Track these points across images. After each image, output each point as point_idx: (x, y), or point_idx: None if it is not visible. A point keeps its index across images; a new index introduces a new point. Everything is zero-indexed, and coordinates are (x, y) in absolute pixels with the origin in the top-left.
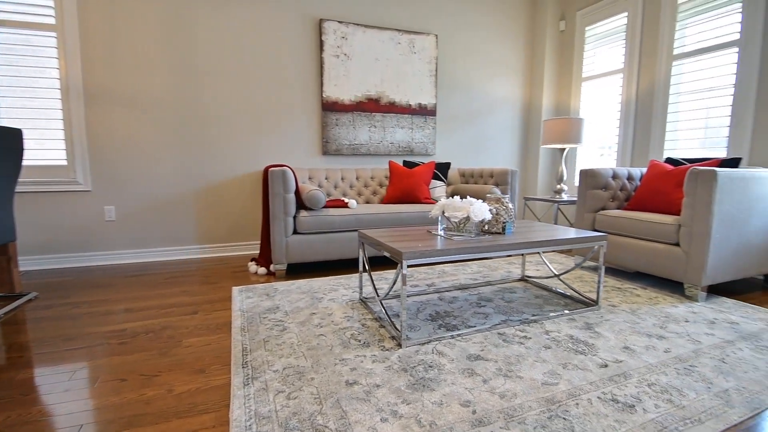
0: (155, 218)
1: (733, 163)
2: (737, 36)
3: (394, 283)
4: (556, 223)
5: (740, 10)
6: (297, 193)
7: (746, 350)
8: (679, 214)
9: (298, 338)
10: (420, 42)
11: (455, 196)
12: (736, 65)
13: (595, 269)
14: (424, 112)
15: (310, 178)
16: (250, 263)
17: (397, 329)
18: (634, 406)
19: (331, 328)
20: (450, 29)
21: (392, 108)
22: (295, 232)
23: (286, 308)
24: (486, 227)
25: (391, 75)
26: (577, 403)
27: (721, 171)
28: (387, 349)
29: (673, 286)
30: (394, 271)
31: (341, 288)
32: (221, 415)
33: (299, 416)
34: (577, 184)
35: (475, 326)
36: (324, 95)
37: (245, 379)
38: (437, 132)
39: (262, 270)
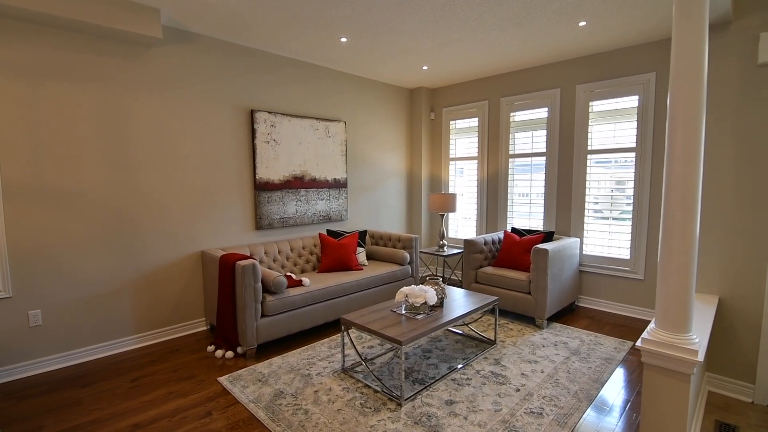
0: (88, 313)
1: (550, 235)
2: (544, 148)
3: (389, 361)
4: (443, 271)
5: (541, 135)
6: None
7: (576, 363)
8: (528, 271)
9: (324, 416)
10: (333, 128)
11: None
12: (544, 167)
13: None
14: (338, 185)
15: (251, 254)
16: (210, 347)
17: (392, 393)
18: (541, 413)
19: (342, 402)
20: (355, 116)
21: (314, 183)
22: (262, 315)
23: (289, 391)
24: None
25: (312, 156)
26: (516, 419)
27: (550, 248)
28: (393, 410)
29: (529, 319)
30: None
31: (316, 360)
32: None
33: None
34: (451, 236)
35: (434, 377)
36: (257, 177)
37: None
38: (349, 200)
39: (229, 354)
